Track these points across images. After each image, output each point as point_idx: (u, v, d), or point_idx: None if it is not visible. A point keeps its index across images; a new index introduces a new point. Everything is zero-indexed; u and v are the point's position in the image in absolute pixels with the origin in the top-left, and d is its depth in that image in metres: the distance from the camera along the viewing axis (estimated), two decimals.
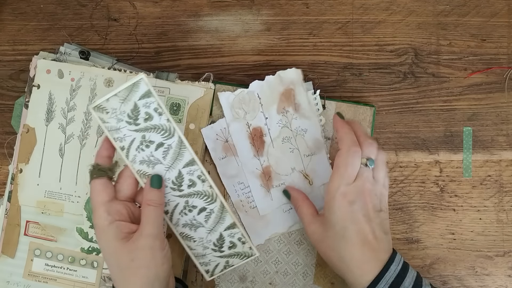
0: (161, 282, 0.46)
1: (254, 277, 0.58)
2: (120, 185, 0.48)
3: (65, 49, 0.58)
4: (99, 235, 0.46)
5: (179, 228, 0.51)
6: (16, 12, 0.60)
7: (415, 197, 0.59)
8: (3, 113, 0.60)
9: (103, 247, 0.46)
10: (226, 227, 0.52)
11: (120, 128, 0.47)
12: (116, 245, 0.45)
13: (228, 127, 0.57)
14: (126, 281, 0.45)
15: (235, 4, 0.60)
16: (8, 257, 0.57)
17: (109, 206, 0.46)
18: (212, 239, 0.52)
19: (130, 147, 0.48)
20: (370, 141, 0.50)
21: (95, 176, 0.47)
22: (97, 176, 0.47)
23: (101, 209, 0.46)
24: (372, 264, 0.47)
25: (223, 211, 0.51)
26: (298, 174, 0.57)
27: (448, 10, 0.60)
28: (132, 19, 0.60)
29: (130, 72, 0.58)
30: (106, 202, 0.46)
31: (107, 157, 0.48)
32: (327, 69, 0.60)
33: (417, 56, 0.60)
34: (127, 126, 0.47)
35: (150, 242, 0.45)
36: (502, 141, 0.60)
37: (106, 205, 0.46)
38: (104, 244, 0.46)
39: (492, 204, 0.59)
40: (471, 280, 0.59)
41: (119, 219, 0.46)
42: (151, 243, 0.45)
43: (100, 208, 0.46)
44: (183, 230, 0.51)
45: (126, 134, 0.47)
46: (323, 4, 0.60)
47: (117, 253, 0.45)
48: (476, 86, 0.60)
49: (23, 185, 0.57)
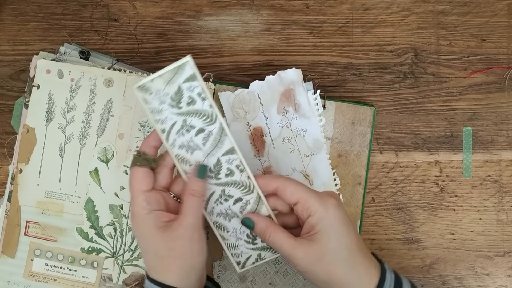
0: (197, 273, 0.45)
1: (254, 277, 0.58)
2: (157, 175, 0.48)
3: (65, 49, 0.58)
4: (137, 223, 0.46)
5: (213, 217, 0.50)
6: (16, 12, 0.60)
7: (415, 197, 0.59)
8: (3, 113, 0.60)
9: (140, 235, 0.46)
10: None
11: (162, 110, 0.46)
12: (155, 234, 0.45)
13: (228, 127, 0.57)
14: (163, 269, 0.45)
15: (235, 4, 0.60)
16: (8, 257, 0.57)
17: (148, 196, 0.46)
18: (246, 231, 0.50)
19: (171, 130, 0.47)
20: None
21: (138, 164, 0.46)
22: (140, 164, 0.46)
23: (140, 198, 0.45)
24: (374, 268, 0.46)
25: (259, 203, 0.49)
26: (298, 174, 0.57)
27: (448, 10, 0.60)
28: (132, 19, 0.60)
29: (130, 72, 0.58)
30: (146, 191, 0.46)
31: (153, 147, 0.47)
32: (327, 69, 0.60)
33: (417, 56, 0.60)
34: (169, 108, 0.46)
35: (189, 232, 0.44)
36: (502, 141, 0.60)
37: (145, 194, 0.46)
38: (142, 232, 0.46)
39: (492, 204, 0.59)
40: (471, 280, 0.59)
41: (158, 208, 0.46)
42: (190, 234, 0.44)
43: (139, 196, 0.45)
44: (217, 219, 0.50)
45: (168, 117, 0.46)
46: (323, 4, 0.60)
47: (156, 242, 0.45)
48: (476, 86, 0.60)
49: (23, 185, 0.57)
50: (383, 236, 0.59)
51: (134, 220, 0.46)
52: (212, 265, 0.58)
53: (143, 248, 0.46)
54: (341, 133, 0.58)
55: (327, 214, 0.45)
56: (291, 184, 0.47)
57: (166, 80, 0.45)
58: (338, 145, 0.58)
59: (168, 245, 0.44)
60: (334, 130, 0.58)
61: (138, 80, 0.45)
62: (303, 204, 0.46)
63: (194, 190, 0.46)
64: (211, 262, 0.58)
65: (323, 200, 0.46)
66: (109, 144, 0.58)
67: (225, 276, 0.58)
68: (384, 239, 0.59)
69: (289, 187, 0.46)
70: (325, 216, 0.45)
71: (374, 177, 0.59)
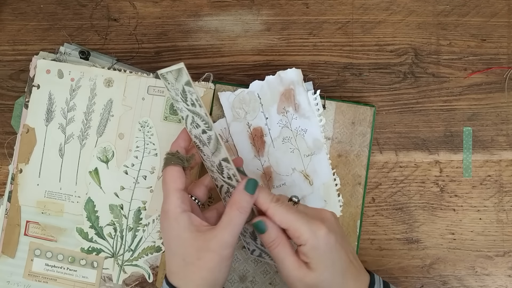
0: (215, 286, 0.44)
1: (254, 277, 0.58)
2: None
3: (65, 49, 0.58)
4: (167, 222, 0.44)
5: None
6: (16, 12, 0.60)
7: (415, 197, 0.59)
8: (3, 113, 0.60)
9: (171, 235, 0.44)
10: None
11: (178, 101, 0.46)
12: (187, 237, 0.43)
13: (228, 127, 0.57)
14: (186, 277, 0.44)
15: (235, 4, 0.60)
16: (8, 257, 0.57)
17: (183, 195, 0.45)
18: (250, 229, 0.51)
19: (186, 121, 0.47)
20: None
21: (173, 163, 0.45)
22: (175, 163, 0.45)
23: (175, 196, 0.44)
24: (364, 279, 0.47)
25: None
26: (298, 174, 0.57)
27: (448, 10, 0.60)
28: (132, 19, 0.60)
29: (130, 72, 0.58)
30: (180, 190, 0.45)
31: (183, 148, 0.47)
32: (327, 69, 0.60)
33: (417, 56, 0.60)
34: (181, 102, 0.46)
35: (223, 248, 0.43)
36: (502, 141, 0.60)
37: (180, 192, 0.44)
38: (172, 233, 0.44)
39: (492, 204, 0.59)
40: (471, 280, 0.59)
41: (190, 210, 0.45)
42: (223, 250, 0.43)
43: (174, 194, 0.44)
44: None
45: (182, 109, 0.46)
46: (323, 4, 0.60)
47: (186, 246, 0.43)
48: (476, 86, 0.60)
49: (23, 185, 0.57)
50: (383, 236, 0.59)
51: (166, 218, 0.44)
52: None
53: (171, 250, 0.45)
54: (341, 133, 0.58)
55: (318, 243, 0.44)
56: (281, 211, 0.44)
57: (174, 77, 0.45)
58: (338, 145, 0.58)
59: (198, 254, 0.43)
60: (334, 130, 0.58)
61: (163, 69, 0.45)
62: (293, 232, 0.44)
63: (240, 205, 0.43)
64: None
65: (313, 228, 0.44)
66: (109, 144, 0.58)
67: None
68: (384, 239, 0.59)
69: (278, 214, 0.44)
70: (316, 245, 0.44)
71: (374, 177, 0.59)
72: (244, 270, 0.58)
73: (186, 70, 0.44)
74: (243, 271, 0.58)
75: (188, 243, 0.43)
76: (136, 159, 0.57)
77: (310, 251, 0.44)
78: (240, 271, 0.58)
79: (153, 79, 0.57)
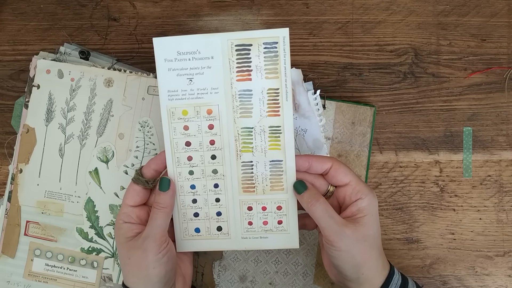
0: (154, 285, 0.46)
1: (254, 277, 0.58)
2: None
3: (65, 49, 0.59)
4: (114, 231, 0.50)
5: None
6: (16, 12, 0.60)
7: (415, 197, 0.59)
8: (3, 113, 0.60)
9: (116, 242, 0.49)
10: None
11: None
12: (121, 242, 0.48)
13: None
14: (125, 277, 0.48)
15: (235, 4, 0.60)
16: (8, 257, 0.57)
17: (131, 210, 0.49)
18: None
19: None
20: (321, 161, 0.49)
21: (134, 181, 0.49)
22: (135, 182, 0.49)
23: (122, 210, 0.49)
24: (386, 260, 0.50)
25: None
26: None
27: (448, 10, 0.60)
28: (132, 19, 0.60)
29: (130, 72, 0.58)
30: (129, 206, 0.49)
31: (153, 170, 0.49)
32: (327, 69, 0.60)
33: (417, 56, 0.60)
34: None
35: (145, 243, 0.46)
36: (502, 141, 0.60)
37: (129, 208, 0.49)
38: (116, 240, 0.49)
39: (492, 204, 0.59)
40: (471, 280, 0.59)
41: (135, 222, 0.48)
42: (146, 244, 0.46)
43: (122, 208, 0.49)
44: None
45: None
46: (323, 4, 0.60)
47: (120, 250, 0.48)
48: (476, 86, 0.60)
49: (23, 185, 0.57)
50: (383, 236, 0.59)
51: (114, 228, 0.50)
52: (212, 265, 0.58)
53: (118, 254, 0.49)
54: (341, 133, 0.58)
55: (374, 201, 0.48)
56: (344, 167, 0.48)
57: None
58: (338, 145, 0.58)
59: (127, 254, 0.47)
60: (334, 130, 0.58)
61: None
62: (355, 186, 0.48)
63: (156, 202, 0.48)
64: (211, 262, 0.58)
65: (370, 188, 0.49)
66: (109, 144, 0.58)
67: (225, 276, 0.58)
68: (384, 239, 0.59)
69: (343, 169, 0.48)
70: (373, 202, 0.48)
71: (374, 177, 0.59)
72: (244, 270, 0.58)
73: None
74: (243, 271, 0.58)
75: (121, 247, 0.48)
76: (136, 159, 0.57)
77: (367, 206, 0.47)
78: (240, 271, 0.58)
79: (153, 79, 0.57)
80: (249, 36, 0.46)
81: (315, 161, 0.48)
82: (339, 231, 0.46)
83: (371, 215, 0.47)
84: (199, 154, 0.48)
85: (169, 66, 0.47)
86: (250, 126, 0.48)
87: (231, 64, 0.47)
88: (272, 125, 0.48)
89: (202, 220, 0.50)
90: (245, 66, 0.47)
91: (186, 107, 0.48)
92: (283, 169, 0.48)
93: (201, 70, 0.47)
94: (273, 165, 0.49)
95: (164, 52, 0.47)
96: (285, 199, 0.49)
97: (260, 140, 0.48)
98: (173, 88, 0.47)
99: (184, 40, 0.46)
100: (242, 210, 0.50)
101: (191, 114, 0.48)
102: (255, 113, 0.48)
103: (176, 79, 0.47)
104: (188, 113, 0.48)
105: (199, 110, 0.48)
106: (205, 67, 0.47)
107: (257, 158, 0.49)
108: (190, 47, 0.46)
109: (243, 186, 0.49)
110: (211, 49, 0.46)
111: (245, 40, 0.46)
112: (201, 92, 0.47)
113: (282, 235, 0.50)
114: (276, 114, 0.48)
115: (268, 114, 0.48)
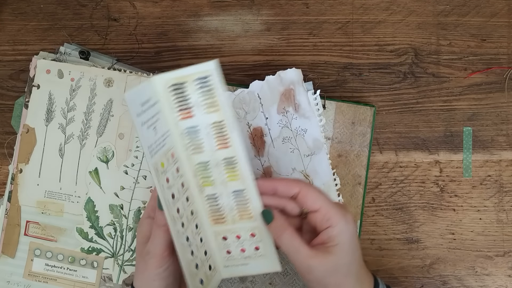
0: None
1: (254, 277, 0.58)
2: None
3: (65, 49, 0.59)
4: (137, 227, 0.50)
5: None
6: (16, 12, 0.60)
7: (415, 197, 0.59)
8: (3, 113, 0.60)
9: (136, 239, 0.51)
10: None
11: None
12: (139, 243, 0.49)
13: None
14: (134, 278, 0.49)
15: (235, 4, 0.60)
16: (8, 257, 0.57)
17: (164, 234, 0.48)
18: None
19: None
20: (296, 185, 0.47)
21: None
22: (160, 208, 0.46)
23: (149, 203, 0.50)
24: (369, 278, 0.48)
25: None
26: (298, 174, 0.57)
27: (448, 10, 0.60)
28: (132, 19, 0.60)
29: (130, 72, 0.58)
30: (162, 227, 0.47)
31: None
32: (327, 69, 0.60)
33: (417, 56, 0.60)
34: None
35: (147, 257, 0.46)
36: (502, 141, 0.60)
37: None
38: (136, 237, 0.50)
39: (492, 204, 0.59)
40: (471, 280, 0.59)
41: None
42: (146, 258, 0.46)
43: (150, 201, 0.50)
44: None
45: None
46: (323, 4, 0.60)
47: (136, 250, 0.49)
48: (476, 86, 0.60)
49: (23, 185, 0.57)
50: (383, 236, 0.59)
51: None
52: None
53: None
54: (341, 133, 0.58)
55: (347, 228, 0.45)
56: (313, 191, 0.46)
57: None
58: (338, 145, 0.58)
59: (137, 258, 0.48)
60: (334, 130, 0.58)
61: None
62: (324, 214, 0.45)
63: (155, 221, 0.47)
64: None
65: (343, 213, 0.45)
66: (109, 144, 0.58)
67: None
68: (384, 239, 0.59)
69: (311, 194, 0.46)
70: (346, 230, 0.45)
71: (374, 177, 0.59)
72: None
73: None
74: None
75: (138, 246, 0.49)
76: (136, 159, 0.57)
77: (338, 234, 0.44)
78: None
79: None
80: (180, 74, 0.45)
81: (282, 185, 0.46)
82: (306, 265, 0.44)
83: (343, 243, 0.44)
84: (181, 202, 0.47)
85: (141, 120, 0.44)
86: (205, 161, 0.47)
87: (171, 104, 0.45)
88: (226, 157, 0.47)
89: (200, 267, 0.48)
90: (184, 104, 0.45)
91: (161, 159, 0.45)
92: (248, 197, 0.47)
93: (157, 117, 0.45)
94: (236, 195, 0.47)
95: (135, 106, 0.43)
96: (256, 226, 0.48)
97: (217, 173, 0.47)
98: (150, 143, 0.44)
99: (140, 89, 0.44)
100: (218, 241, 0.49)
101: (166, 164, 0.45)
102: (206, 147, 0.46)
103: (148, 132, 0.44)
104: (164, 164, 0.45)
105: (168, 157, 0.46)
106: (158, 112, 0.45)
107: (219, 190, 0.48)
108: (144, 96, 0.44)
109: (213, 218, 0.48)
110: (155, 93, 0.44)
111: (177, 79, 0.45)
112: (163, 138, 0.45)
113: (261, 260, 0.49)
114: (226, 146, 0.46)
115: (218, 147, 0.46)
